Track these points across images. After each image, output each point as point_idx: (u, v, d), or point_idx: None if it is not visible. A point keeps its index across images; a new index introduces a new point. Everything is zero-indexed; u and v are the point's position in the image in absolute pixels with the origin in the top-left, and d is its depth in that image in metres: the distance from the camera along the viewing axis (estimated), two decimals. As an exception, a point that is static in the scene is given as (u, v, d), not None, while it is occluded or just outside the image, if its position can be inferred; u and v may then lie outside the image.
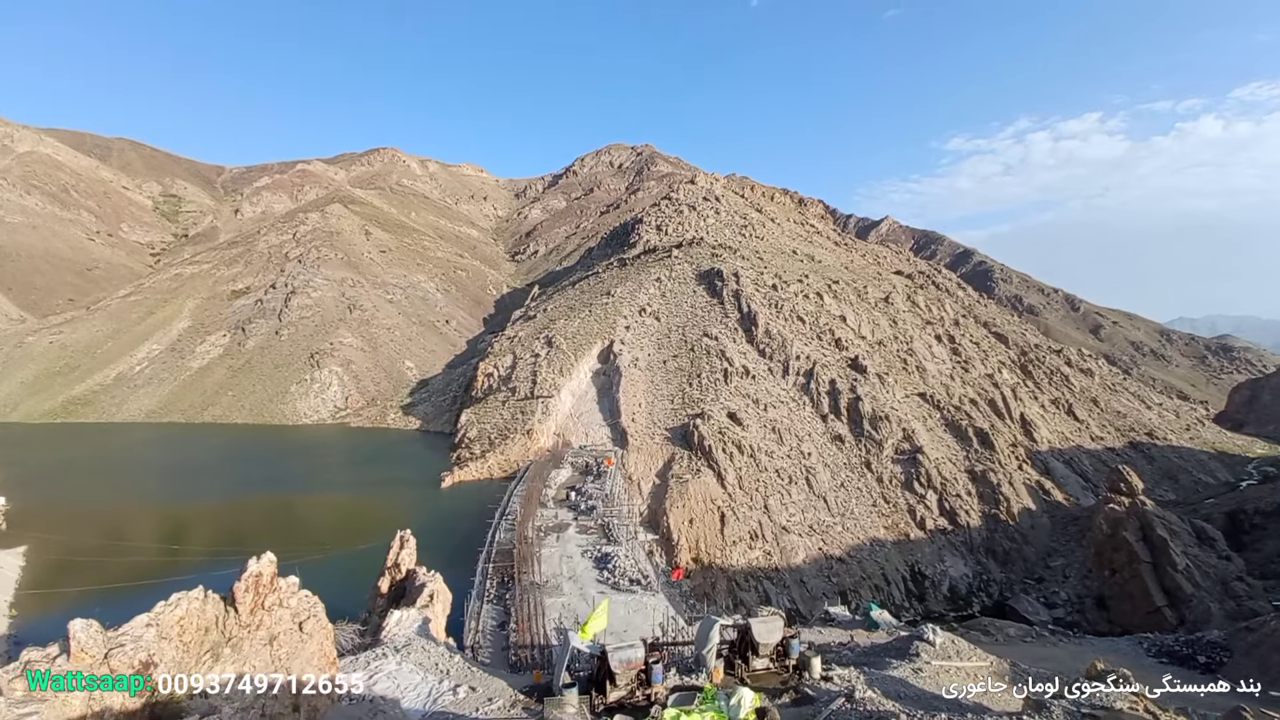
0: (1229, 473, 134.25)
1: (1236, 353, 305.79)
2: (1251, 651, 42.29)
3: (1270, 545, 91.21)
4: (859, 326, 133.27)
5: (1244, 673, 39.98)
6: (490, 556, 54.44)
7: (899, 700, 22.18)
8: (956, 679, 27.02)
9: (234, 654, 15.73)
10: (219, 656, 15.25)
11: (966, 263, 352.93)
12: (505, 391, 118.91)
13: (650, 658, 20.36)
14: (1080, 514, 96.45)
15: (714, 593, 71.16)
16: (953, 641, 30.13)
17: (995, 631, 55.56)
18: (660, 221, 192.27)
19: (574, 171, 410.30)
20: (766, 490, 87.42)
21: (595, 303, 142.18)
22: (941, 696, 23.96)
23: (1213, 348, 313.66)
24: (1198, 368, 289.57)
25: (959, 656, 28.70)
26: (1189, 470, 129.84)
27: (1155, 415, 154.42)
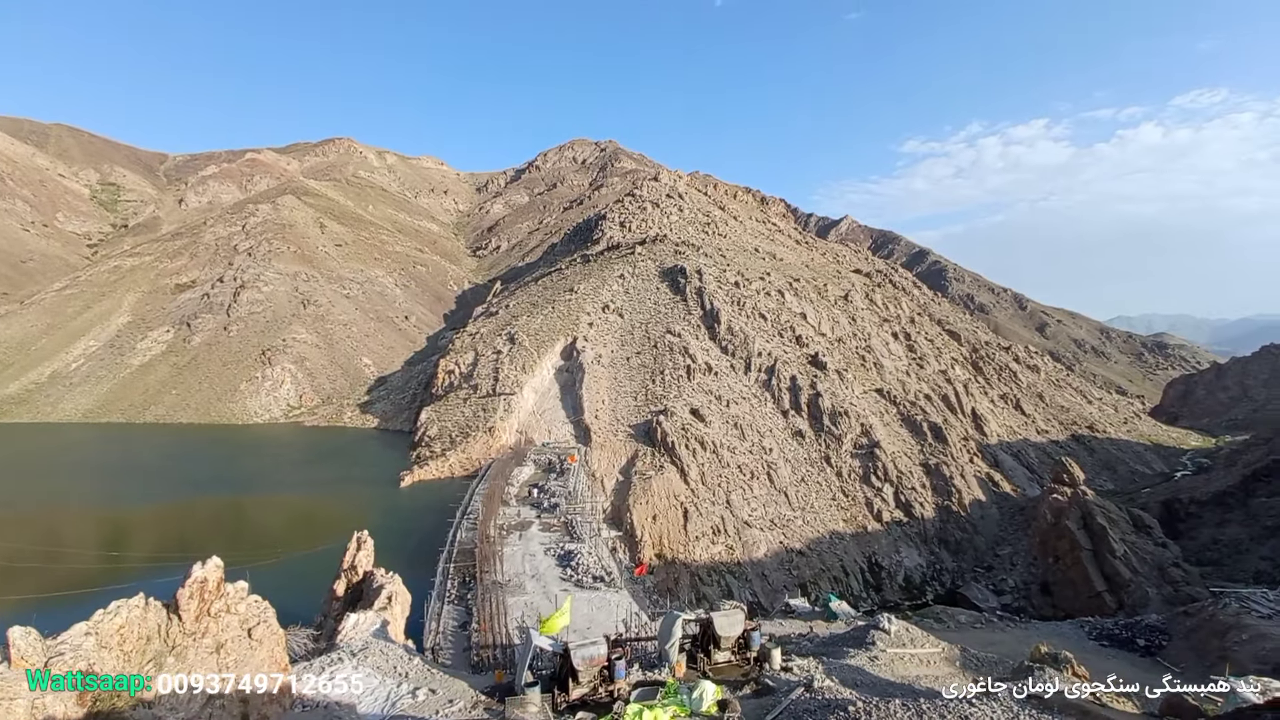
0: (1164, 464, 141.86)
1: (1171, 350, 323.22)
2: (1190, 636, 44.79)
3: (1204, 533, 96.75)
4: (819, 324, 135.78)
5: (1182, 656, 42.43)
6: (451, 556, 53.59)
7: (856, 688, 22.74)
8: (911, 665, 27.85)
9: (178, 662, 15.18)
10: (162, 665, 14.70)
11: (922, 262, 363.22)
12: (467, 389, 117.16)
13: (613, 654, 20.40)
14: (1026, 504, 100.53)
15: (677, 588, 71.65)
16: (907, 630, 31.00)
17: (947, 619, 57.52)
18: (624, 218, 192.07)
19: (537, 166, 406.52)
20: (729, 486, 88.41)
21: (558, 299, 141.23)
22: (896, 683, 24.67)
23: (1149, 345, 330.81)
24: (1135, 364, 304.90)
25: (913, 644, 29.57)
26: (1127, 461, 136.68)
27: (1096, 409, 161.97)
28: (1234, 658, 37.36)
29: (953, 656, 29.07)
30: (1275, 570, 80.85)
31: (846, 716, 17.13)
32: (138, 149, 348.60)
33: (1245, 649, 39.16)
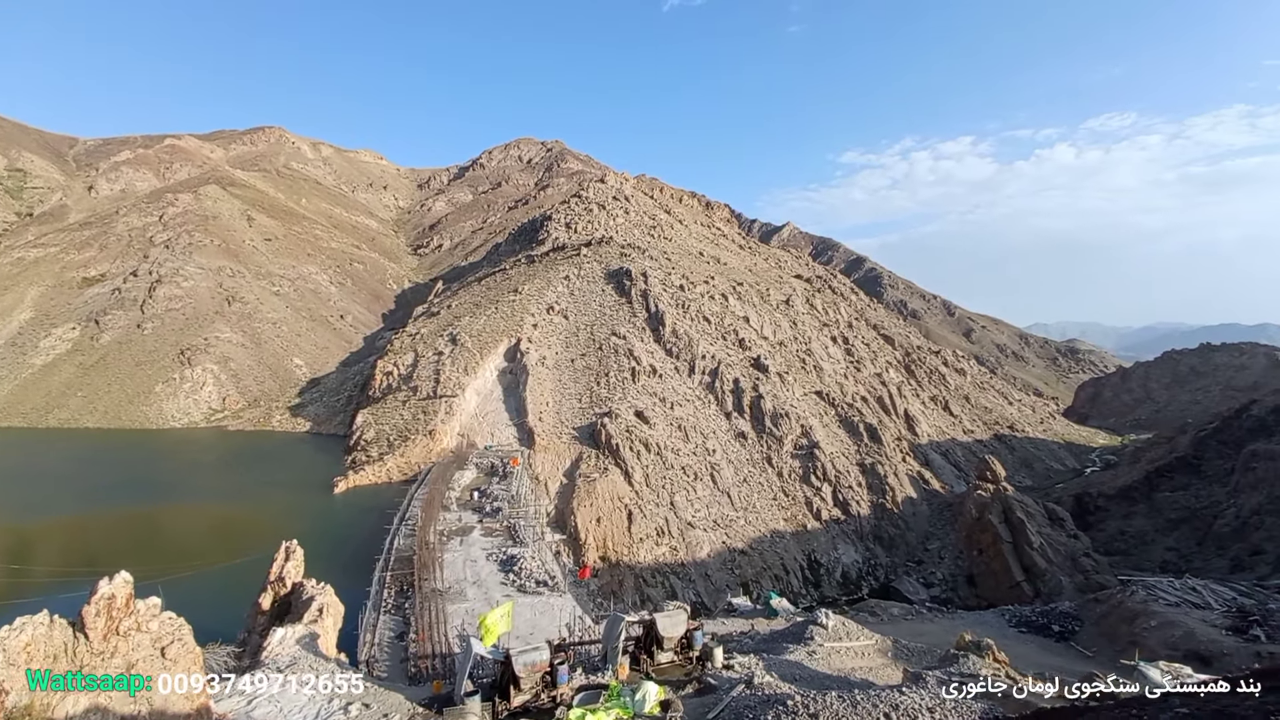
0: (1076, 461, 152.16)
1: (1082, 355, 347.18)
2: (1100, 621, 48.00)
3: (1112, 525, 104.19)
4: (761, 327, 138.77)
5: (1094, 641, 45.43)
6: (388, 564, 51.79)
7: (794, 682, 23.30)
8: (847, 658, 28.77)
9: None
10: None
11: (859, 269, 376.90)
12: (406, 391, 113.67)
13: (556, 659, 20.18)
14: (954, 500, 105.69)
15: (621, 590, 71.60)
16: (843, 624, 32.01)
17: (881, 612, 59.68)
18: (570, 219, 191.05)
19: (481, 164, 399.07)
20: (673, 487, 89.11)
21: (502, 300, 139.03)
22: (833, 675, 25.43)
23: (1063, 350, 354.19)
24: (1050, 368, 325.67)
25: (849, 637, 30.55)
26: (1043, 459, 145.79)
27: (1016, 410, 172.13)
28: (1143, 643, 40.24)
29: (885, 648, 30.20)
30: (1179, 560, 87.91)
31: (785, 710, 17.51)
32: (45, 132, 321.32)
33: (1154, 635, 42.24)
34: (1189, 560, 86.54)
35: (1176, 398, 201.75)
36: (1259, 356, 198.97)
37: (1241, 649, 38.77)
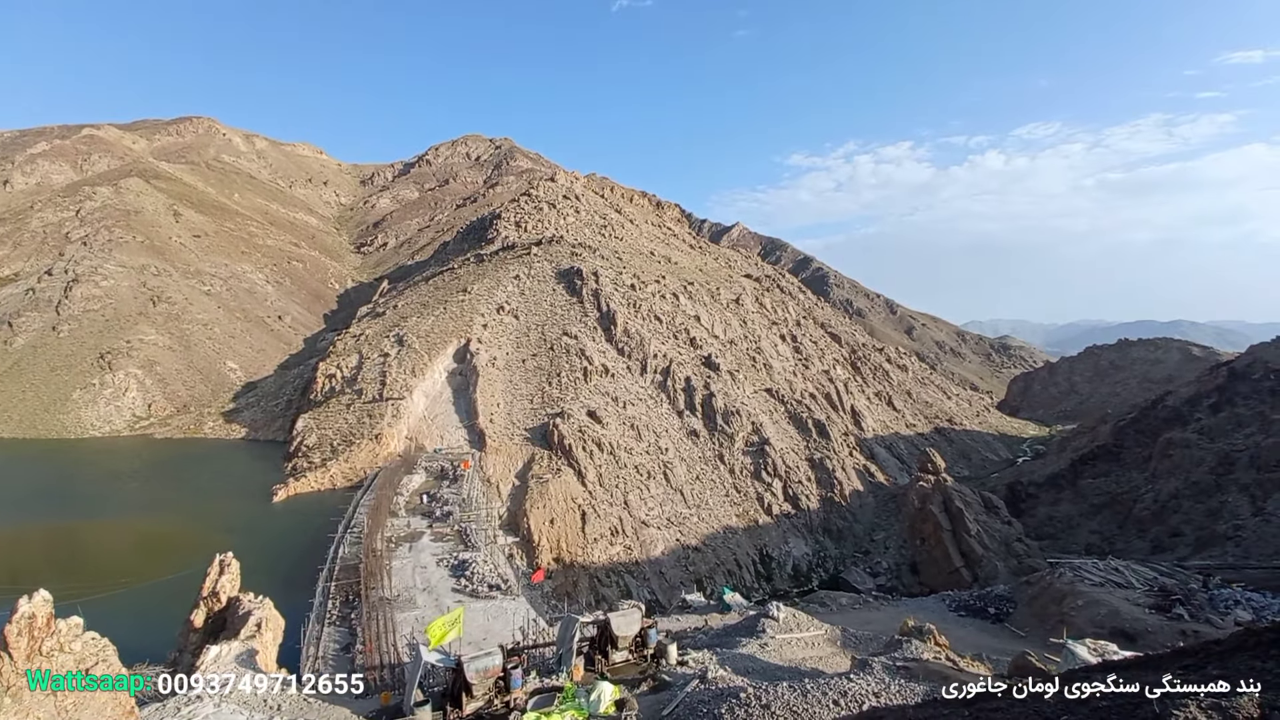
0: (1008, 451, 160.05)
1: (1013, 351, 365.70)
2: (1032, 603, 50.61)
3: (1041, 511, 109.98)
4: (712, 326, 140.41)
5: (1026, 621, 47.85)
6: (333, 574, 49.86)
7: (747, 675, 23.62)
8: (797, 649, 29.37)
9: (15, 704, 13.31)
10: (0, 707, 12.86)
11: (806, 269, 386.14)
12: (350, 394, 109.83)
13: (509, 663, 19.88)
14: (898, 492, 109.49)
15: (576, 591, 71.18)
16: (794, 615, 32.69)
17: (830, 602, 61.34)
18: (519, 218, 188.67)
19: (428, 161, 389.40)
20: (626, 486, 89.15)
21: (451, 300, 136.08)
22: (784, 666, 25.91)
23: (996, 346, 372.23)
24: (985, 363, 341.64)
25: (799, 628, 31.21)
26: (979, 450, 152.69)
27: (954, 404, 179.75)
28: (1071, 622, 42.62)
29: (834, 637, 31.00)
30: (1102, 542, 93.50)
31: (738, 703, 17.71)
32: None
33: (1081, 614, 44.79)
34: (1112, 543, 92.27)
35: (1098, 390, 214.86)
36: (1173, 351, 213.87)
37: (1166, 626, 41.53)
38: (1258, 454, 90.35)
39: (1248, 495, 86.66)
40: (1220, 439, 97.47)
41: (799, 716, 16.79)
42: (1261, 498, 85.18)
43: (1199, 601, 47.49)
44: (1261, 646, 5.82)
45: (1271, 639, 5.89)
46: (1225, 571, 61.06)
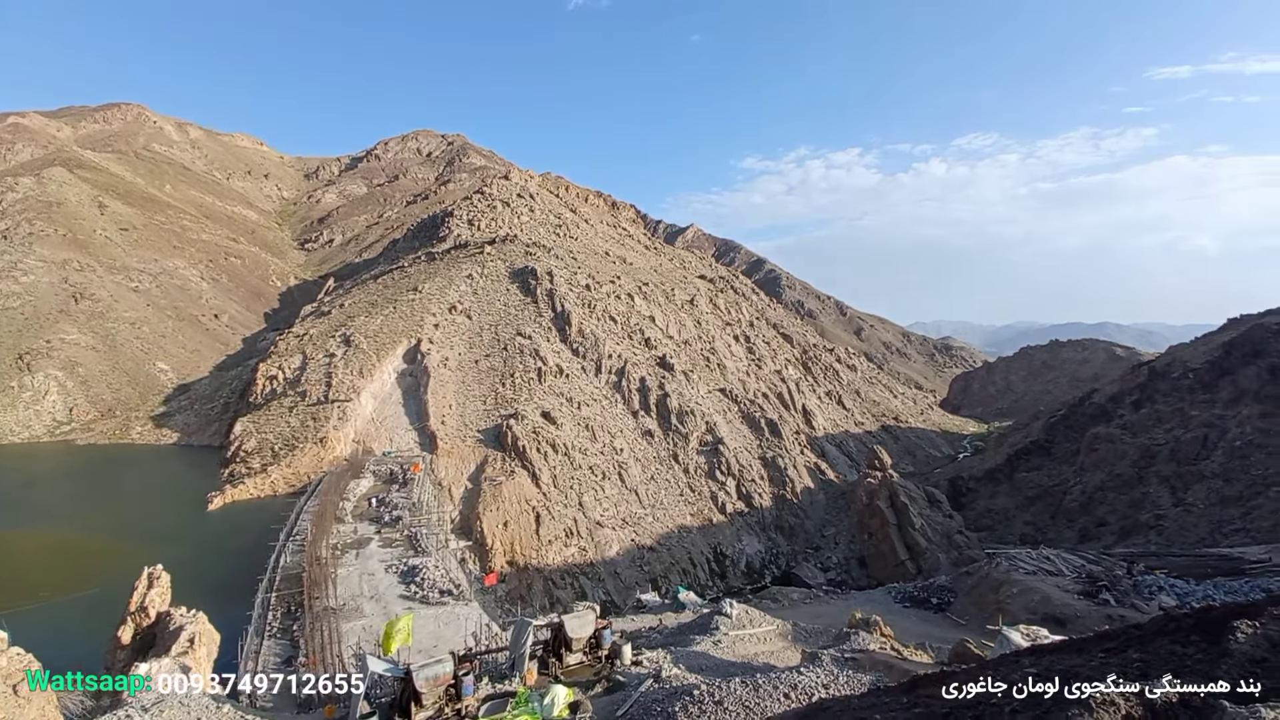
0: (950, 447, 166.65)
1: (955, 351, 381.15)
2: (971, 592, 52.74)
3: (980, 504, 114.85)
4: (667, 326, 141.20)
5: (966, 610, 49.83)
6: (273, 584, 47.80)
7: (701, 672, 23.80)
8: (750, 645, 29.79)
9: None
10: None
11: (759, 270, 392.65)
12: (293, 396, 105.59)
13: (460, 670, 19.46)
14: (847, 488, 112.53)
15: (530, 594, 70.39)
16: (746, 612, 33.13)
17: (782, 598, 62.48)
18: (472, 216, 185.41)
19: (377, 155, 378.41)
20: (581, 487, 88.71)
21: (401, 298, 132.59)
22: (737, 663, 26.23)
23: (939, 347, 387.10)
24: (929, 363, 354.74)
25: (752, 624, 31.65)
26: (923, 446, 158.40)
27: (899, 403, 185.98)
28: (1007, 609, 44.58)
29: (786, 632, 31.57)
30: (1036, 533, 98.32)
31: (692, 700, 17.81)
32: None
33: (1016, 601, 46.93)
34: (1044, 533, 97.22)
35: (1032, 388, 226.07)
36: (1099, 351, 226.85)
37: (1093, 611, 43.87)
38: (1177, 448, 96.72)
39: (1168, 487, 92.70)
40: (1142, 434, 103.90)
41: (751, 711, 17.01)
42: (1181, 489, 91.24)
43: (1124, 588, 50.45)
44: (1181, 632, 6.19)
45: (1191, 625, 6.28)
46: (1148, 559, 64.94)
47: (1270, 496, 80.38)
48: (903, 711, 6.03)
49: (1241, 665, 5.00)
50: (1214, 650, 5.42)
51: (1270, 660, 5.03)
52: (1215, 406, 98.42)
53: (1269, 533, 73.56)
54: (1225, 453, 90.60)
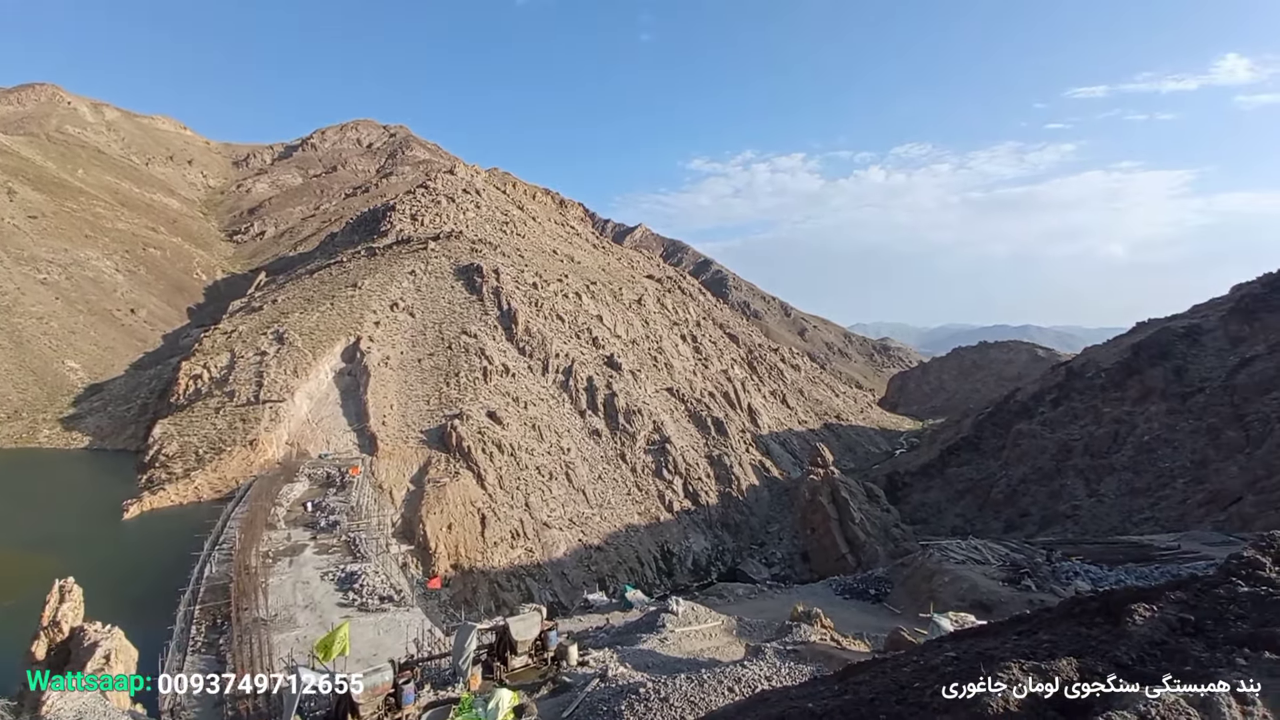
0: (888, 444, 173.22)
1: (893, 351, 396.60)
2: (906, 582, 54.96)
3: (915, 498, 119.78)
4: (615, 326, 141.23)
5: (902, 600, 51.89)
6: (198, 597, 45.15)
7: (648, 670, 23.94)
8: (696, 641, 30.18)
9: None
10: None
11: (706, 271, 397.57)
12: (220, 396, 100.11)
13: (401, 678, 18.97)
14: (790, 485, 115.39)
15: (475, 598, 69.16)
16: (693, 609, 33.54)
17: (728, 594, 63.45)
18: (416, 211, 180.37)
19: (313, 144, 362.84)
20: (528, 488, 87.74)
21: (339, 295, 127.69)
22: (683, 659, 26.52)
23: (877, 347, 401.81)
24: (868, 363, 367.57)
25: (698, 621, 32.06)
26: (862, 444, 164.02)
27: (841, 401, 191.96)
28: (938, 597, 46.69)
29: (730, 627, 32.14)
30: (966, 524, 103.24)
31: (638, 699, 17.90)
32: None
33: (947, 590, 49.20)
34: (973, 524, 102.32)
35: (962, 387, 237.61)
36: (1022, 352, 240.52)
37: (1016, 597, 46.41)
38: (1091, 442, 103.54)
39: (1083, 479, 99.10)
40: (1060, 430, 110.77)
41: (696, 706, 17.23)
42: (1095, 480, 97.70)
43: (1044, 574, 53.62)
44: (1086, 615, 6.67)
45: (1095, 608, 6.77)
46: (1066, 547, 69.14)
47: (1176, 488, 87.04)
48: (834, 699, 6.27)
49: (1139, 646, 5.44)
50: (1114, 632, 5.88)
51: (1168, 642, 5.50)
52: (1125, 404, 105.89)
53: (1175, 522, 79.51)
54: (1134, 447, 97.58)
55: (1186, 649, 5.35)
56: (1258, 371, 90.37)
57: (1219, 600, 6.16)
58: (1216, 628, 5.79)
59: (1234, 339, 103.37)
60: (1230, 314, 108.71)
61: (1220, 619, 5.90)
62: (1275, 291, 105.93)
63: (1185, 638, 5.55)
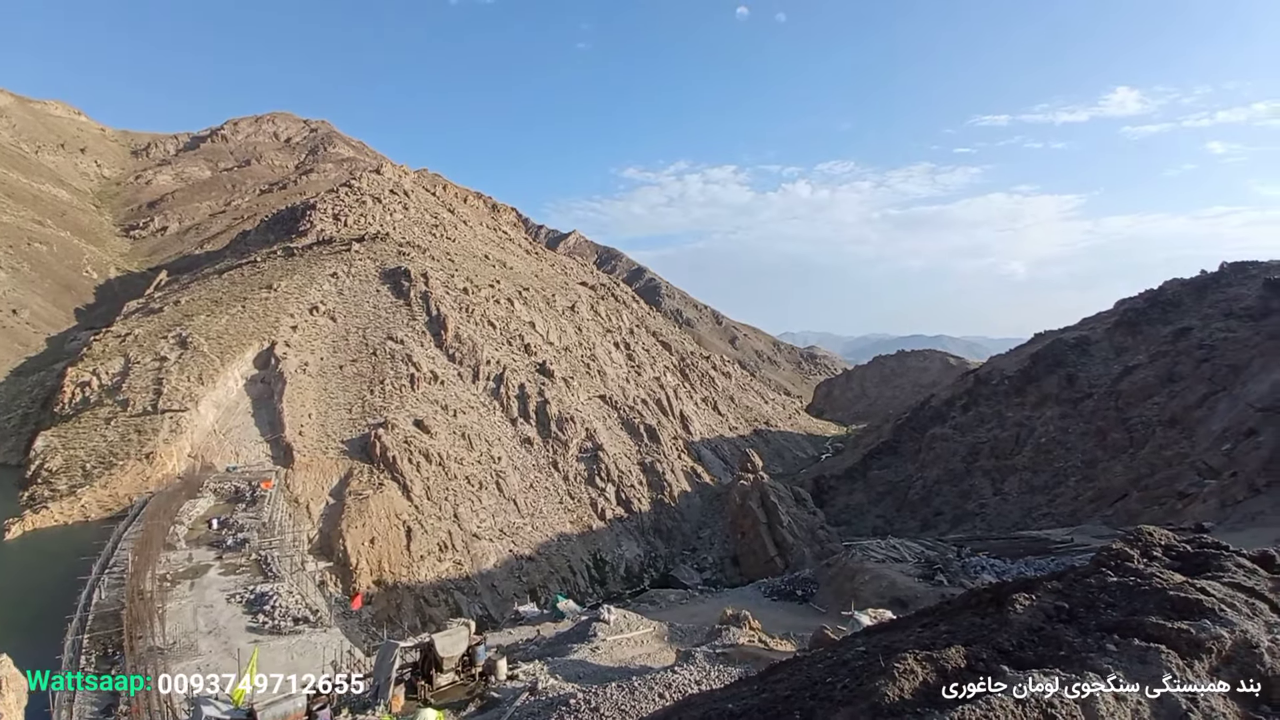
0: (815, 449, 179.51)
1: (819, 359, 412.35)
2: (831, 582, 57.03)
3: (839, 500, 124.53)
4: (547, 333, 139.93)
5: (827, 599, 53.77)
6: (87, 624, 41.22)
7: (579, 680, 23.76)
8: (628, 648, 30.20)
9: None
10: None
11: (640, 279, 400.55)
12: (112, 405, 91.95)
13: (315, 704, 18.05)
14: (721, 490, 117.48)
15: (399, 614, 66.53)
16: (624, 617, 33.59)
17: (660, 600, 63.85)
18: (339, 210, 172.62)
19: (224, 135, 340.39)
20: (456, 498, 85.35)
21: (252, 297, 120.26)
22: (615, 668, 26.48)
23: (805, 355, 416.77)
24: (796, 371, 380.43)
25: (629, 628, 32.11)
26: (790, 449, 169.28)
27: (770, 408, 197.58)
28: (859, 595, 48.71)
29: (662, 633, 32.37)
30: (885, 525, 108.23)
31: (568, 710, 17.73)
32: None
33: (867, 587, 51.42)
34: (892, 524, 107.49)
35: (883, 393, 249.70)
36: (936, 360, 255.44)
37: (930, 592, 49.06)
38: (996, 445, 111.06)
39: (989, 479, 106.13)
40: (969, 433, 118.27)
41: (627, 715, 17.25)
42: (999, 480, 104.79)
43: (955, 569, 57.06)
44: (981, 606, 7.21)
45: (989, 599, 7.33)
46: (974, 543, 73.78)
47: (1069, 486, 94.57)
48: (753, 697, 6.48)
49: (1020, 633, 5.94)
50: (1000, 620, 6.39)
51: (1045, 629, 6.03)
52: (1025, 409, 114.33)
53: (1069, 517, 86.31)
54: (1033, 448, 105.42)
55: (1061, 635, 5.89)
56: (1139, 379, 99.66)
57: (1090, 589, 6.81)
58: (1088, 615, 6.40)
59: (1118, 349, 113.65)
60: (1115, 326, 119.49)
61: (1092, 607, 6.52)
62: (1154, 306, 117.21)
63: (1060, 624, 6.10)
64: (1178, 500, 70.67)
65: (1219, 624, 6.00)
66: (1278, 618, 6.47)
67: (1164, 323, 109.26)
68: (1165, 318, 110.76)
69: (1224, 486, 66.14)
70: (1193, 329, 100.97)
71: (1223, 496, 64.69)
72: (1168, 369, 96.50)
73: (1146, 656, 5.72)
